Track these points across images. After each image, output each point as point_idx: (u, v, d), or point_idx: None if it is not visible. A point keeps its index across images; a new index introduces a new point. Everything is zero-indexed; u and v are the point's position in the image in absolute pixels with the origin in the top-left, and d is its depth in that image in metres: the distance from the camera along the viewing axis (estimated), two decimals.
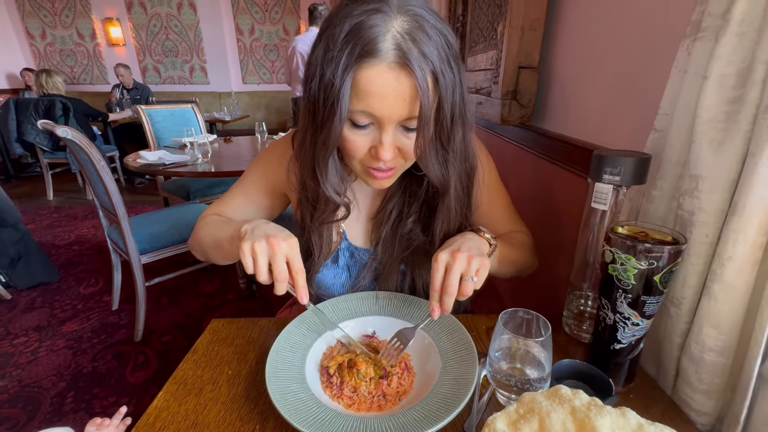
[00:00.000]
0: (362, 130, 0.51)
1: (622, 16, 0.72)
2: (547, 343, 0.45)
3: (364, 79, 0.46)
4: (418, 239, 0.67)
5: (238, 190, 0.74)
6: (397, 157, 0.54)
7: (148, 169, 1.87)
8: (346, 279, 0.71)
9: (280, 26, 5.65)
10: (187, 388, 0.53)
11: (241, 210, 0.73)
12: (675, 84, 0.50)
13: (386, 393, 0.50)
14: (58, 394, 1.47)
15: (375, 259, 0.70)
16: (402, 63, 0.45)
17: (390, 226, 0.68)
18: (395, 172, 0.57)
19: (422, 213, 0.67)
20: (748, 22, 0.39)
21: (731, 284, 0.41)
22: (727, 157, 0.42)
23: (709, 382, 0.45)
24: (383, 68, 0.45)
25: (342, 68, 0.45)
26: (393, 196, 0.68)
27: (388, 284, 0.68)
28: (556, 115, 0.97)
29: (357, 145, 0.52)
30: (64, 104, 3.40)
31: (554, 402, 0.37)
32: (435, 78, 0.47)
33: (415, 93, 0.46)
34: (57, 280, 2.28)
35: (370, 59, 0.45)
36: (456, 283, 0.51)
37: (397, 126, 0.51)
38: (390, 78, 0.45)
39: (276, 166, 0.70)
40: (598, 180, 0.54)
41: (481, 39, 1.38)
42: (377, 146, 0.51)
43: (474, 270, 0.51)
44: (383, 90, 0.46)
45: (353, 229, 0.72)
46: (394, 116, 0.48)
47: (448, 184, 0.58)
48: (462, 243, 0.54)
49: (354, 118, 0.49)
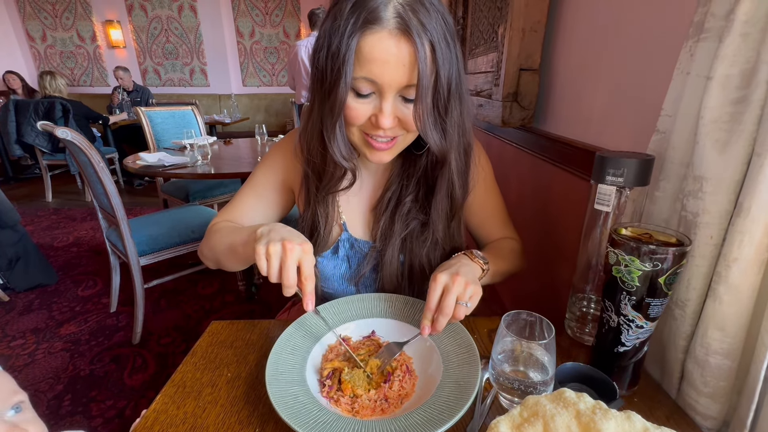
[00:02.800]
0: (364, 99, 0.53)
1: (623, 17, 0.72)
2: (550, 345, 0.45)
3: (367, 45, 0.49)
4: (416, 220, 0.69)
5: (248, 190, 0.75)
6: (396, 126, 0.56)
7: (147, 171, 1.86)
8: (346, 270, 0.72)
9: (280, 29, 5.66)
10: (186, 391, 0.53)
11: (252, 209, 0.74)
12: (677, 85, 0.49)
13: (388, 396, 0.50)
14: (55, 397, 1.45)
15: (375, 249, 0.71)
16: (402, 30, 0.48)
17: (389, 213, 0.69)
18: (395, 145, 0.59)
19: (420, 192, 0.68)
20: (752, 23, 0.39)
21: (737, 286, 0.41)
22: (731, 158, 0.41)
23: (714, 385, 0.45)
24: (384, 35, 0.48)
25: (347, 35, 0.48)
26: (391, 185, 0.70)
27: (389, 273, 0.69)
28: (558, 117, 0.97)
29: (358, 113, 0.54)
30: (63, 106, 3.40)
31: (558, 405, 0.36)
32: (432, 48, 0.50)
33: (414, 60, 0.49)
34: (55, 281, 2.27)
35: (373, 26, 0.48)
36: (452, 305, 0.52)
37: (397, 96, 0.53)
38: (391, 44, 0.48)
39: (283, 161, 0.73)
40: (601, 181, 0.54)
41: (481, 41, 1.38)
42: (378, 114, 0.53)
43: (468, 296, 0.53)
44: (384, 55, 0.49)
45: (354, 221, 0.73)
46: (394, 82, 0.51)
47: (447, 152, 0.60)
48: (460, 267, 0.57)
49: (357, 86, 0.52)
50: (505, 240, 0.77)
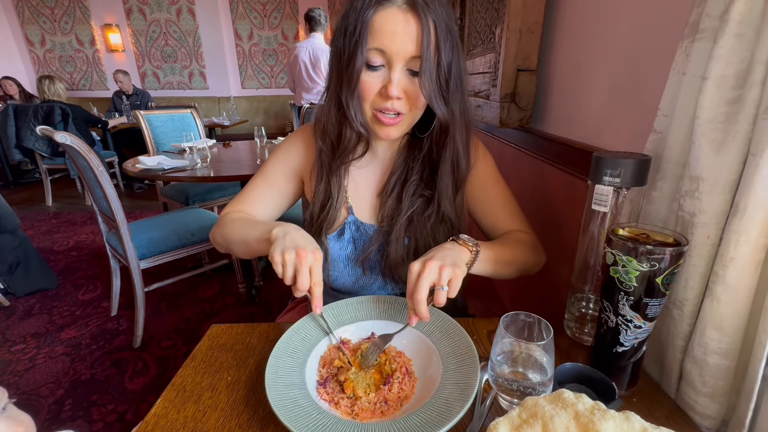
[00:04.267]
0: (375, 72, 0.59)
1: (619, 18, 0.72)
2: (549, 346, 0.45)
3: (379, 18, 0.56)
4: (422, 197, 0.71)
5: (260, 179, 0.79)
6: (404, 100, 0.61)
7: (146, 174, 1.87)
8: (352, 251, 0.74)
9: (278, 31, 5.67)
10: (186, 395, 0.53)
11: (263, 199, 0.78)
12: (674, 85, 0.50)
13: (388, 399, 0.50)
14: (56, 401, 1.45)
15: (380, 232, 0.73)
16: (410, 5, 0.56)
17: (395, 195, 0.73)
18: (401, 121, 0.63)
19: (425, 171, 0.72)
20: (746, 23, 0.40)
21: (734, 286, 0.41)
22: (727, 158, 0.42)
23: (713, 385, 0.45)
24: (394, 10, 0.56)
25: (363, 11, 0.56)
26: (397, 170, 0.73)
27: (394, 253, 0.71)
28: (555, 118, 0.98)
29: (370, 86, 0.60)
30: (63, 110, 3.40)
31: (557, 406, 0.36)
32: (435, 26, 0.57)
33: (420, 33, 0.56)
34: (56, 286, 2.27)
35: (385, 3, 0.56)
36: (422, 290, 0.53)
37: (404, 69, 0.59)
38: (399, 17, 0.56)
39: (295, 149, 0.78)
40: (598, 182, 0.54)
41: (479, 42, 1.38)
42: (387, 85, 0.59)
43: (445, 279, 0.53)
44: (394, 27, 0.56)
45: (360, 205, 0.76)
46: (401, 51, 0.57)
47: (450, 121, 0.64)
48: (436, 253, 0.57)
49: (369, 58, 0.58)
50: (514, 232, 0.76)
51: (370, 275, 0.74)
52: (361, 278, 0.74)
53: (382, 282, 0.75)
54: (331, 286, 0.77)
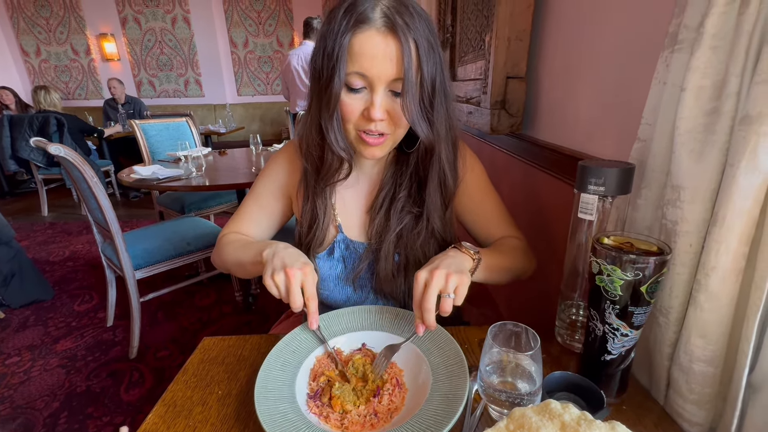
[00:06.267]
0: (356, 94, 0.58)
1: (605, 27, 0.73)
2: (536, 356, 0.45)
3: (358, 42, 0.54)
4: (410, 214, 0.71)
5: (251, 201, 0.79)
6: (387, 121, 0.60)
7: (141, 184, 1.86)
8: (342, 270, 0.74)
9: (273, 38, 5.70)
10: (177, 410, 0.53)
11: (255, 220, 0.79)
12: (656, 94, 0.50)
13: (378, 411, 0.50)
14: (51, 414, 1.44)
15: (370, 249, 0.73)
16: (389, 27, 0.54)
17: (384, 212, 0.72)
18: (386, 141, 0.62)
19: (412, 187, 0.71)
20: (721, 36, 0.40)
21: (716, 294, 0.41)
22: (706, 168, 0.42)
23: (699, 392, 0.45)
24: (373, 32, 0.54)
25: (340, 35, 0.54)
26: (385, 186, 0.73)
27: (385, 270, 0.71)
28: (545, 124, 0.98)
29: (352, 108, 0.59)
30: (58, 120, 3.40)
31: (544, 417, 0.36)
32: (417, 46, 0.55)
33: (400, 55, 0.54)
34: (51, 297, 2.26)
35: (363, 26, 0.54)
36: (432, 299, 0.53)
37: (386, 90, 0.58)
38: (379, 40, 0.54)
39: (280, 168, 0.78)
40: (584, 191, 0.54)
41: (470, 49, 1.39)
42: (369, 107, 0.58)
43: (452, 287, 0.53)
44: (373, 51, 0.54)
45: (349, 222, 0.75)
46: (382, 75, 0.55)
47: (435, 142, 0.64)
48: (442, 261, 0.57)
49: (349, 81, 0.57)
50: (506, 238, 0.77)
51: (361, 292, 0.74)
52: (353, 296, 0.74)
53: (373, 299, 0.74)
54: (323, 303, 0.77)
